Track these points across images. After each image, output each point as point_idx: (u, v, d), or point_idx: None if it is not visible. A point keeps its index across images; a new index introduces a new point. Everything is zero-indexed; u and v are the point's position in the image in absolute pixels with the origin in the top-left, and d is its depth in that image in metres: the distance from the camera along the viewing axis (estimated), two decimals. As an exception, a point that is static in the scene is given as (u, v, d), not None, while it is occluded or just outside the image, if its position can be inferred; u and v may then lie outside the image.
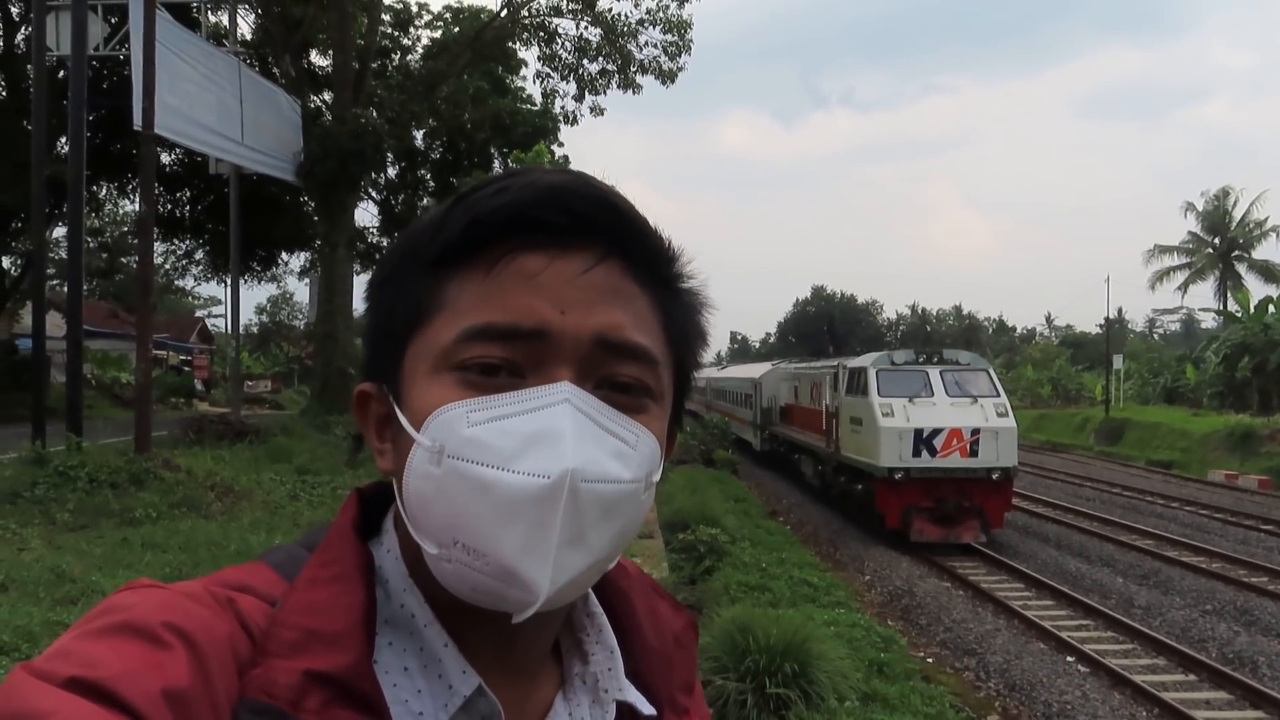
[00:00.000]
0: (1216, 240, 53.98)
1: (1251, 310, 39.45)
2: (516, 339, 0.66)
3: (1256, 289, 46.62)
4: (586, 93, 27.37)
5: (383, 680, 0.65)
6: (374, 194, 31.65)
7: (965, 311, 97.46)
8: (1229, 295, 48.47)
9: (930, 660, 10.51)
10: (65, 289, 18.31)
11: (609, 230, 0.69)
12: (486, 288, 0.67)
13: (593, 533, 0.65)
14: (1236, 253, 53.32)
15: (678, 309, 0.74)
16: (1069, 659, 10.39)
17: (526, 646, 0.73)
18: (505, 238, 0.67)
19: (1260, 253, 52.76)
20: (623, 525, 0.67)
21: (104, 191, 30.31)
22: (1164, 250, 55.77)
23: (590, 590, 0.79)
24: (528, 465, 0.63)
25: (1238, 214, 53.54)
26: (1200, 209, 54.78)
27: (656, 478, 0.70)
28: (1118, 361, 46.35)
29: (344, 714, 0.61)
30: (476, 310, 0.67)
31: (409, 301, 0.70)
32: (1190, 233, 55.46)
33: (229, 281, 26.76)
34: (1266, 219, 52.76)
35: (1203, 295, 72.14)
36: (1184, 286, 55.27)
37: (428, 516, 0.66)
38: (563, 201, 0.68)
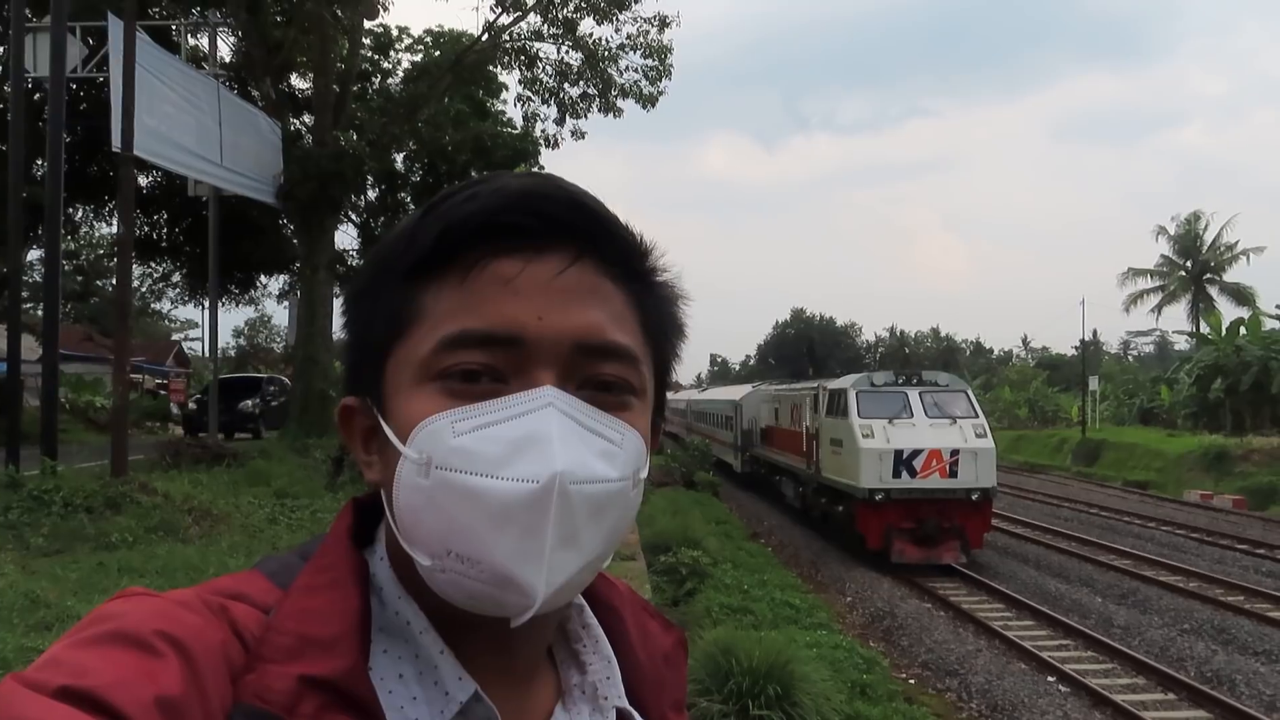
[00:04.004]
0: (1189, 263, 54.74)
1: (1223, 332, 40.03)
2: (494, 344, 0.66)
3: (1228, 311, 47.21)
4: (568, 116, 27.43)
5: (378, 686, 0.65)
6: (354, 216, 31.54)
7: (943, 333, 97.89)
8: (1201, 317, 49.14)
9: (912, 681, 10.51)
10: (40, 312, 18.14)
11: (581, 231, 0.70)
12: (462, 295, 0.68)
13: (584, 533, 0.65)
14: (1208, 275, 54.05)
15: (654, 303, 0.75)
16: (1050, 679, 10.41)
17: (521, 652, 0.73)
18: (478, 244, 0.68)
19: (1231, 275, 53.59)
20: (613, 523, 0.68)
21: (80, 214, 30.05)
22: (1138, 273, 56.56)
23: (585, 604, 0.79)
24: (516, 471, 0.63)
25: (1209, 237, 54.39)
26: (1172, 233, 55.63)
27: (644, 474, 0.71)
28: (1093, 383, 46.78)
29: (338, 719, 0.61)
30: (453, 318, 0.67)
31: (386, 314, 0.70)
32: (1163, 256, 56.31)
33: (207, 304, 26.63)
34: (1237, 242, 53.62)
35: (1176, 317, 72.90)
36: (1157, 309, 56.12)
37: (419, 528, 0.66)
38: (533, 205, 0.68)
